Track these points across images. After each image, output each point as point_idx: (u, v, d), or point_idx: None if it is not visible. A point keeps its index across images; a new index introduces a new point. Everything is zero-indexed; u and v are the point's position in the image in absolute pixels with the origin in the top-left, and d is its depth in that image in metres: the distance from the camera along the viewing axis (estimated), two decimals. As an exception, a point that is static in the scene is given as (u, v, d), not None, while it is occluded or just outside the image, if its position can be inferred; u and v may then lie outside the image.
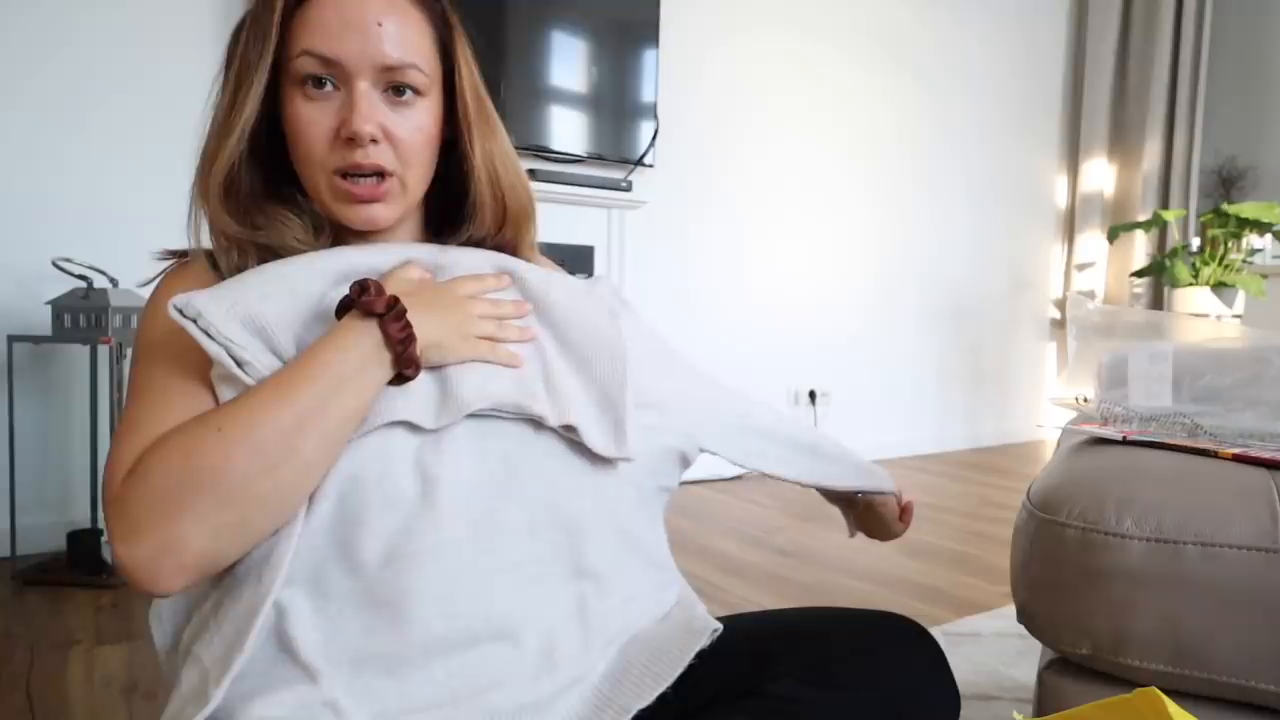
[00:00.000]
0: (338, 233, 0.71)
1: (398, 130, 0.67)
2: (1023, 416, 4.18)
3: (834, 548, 2.18)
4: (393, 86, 0.67)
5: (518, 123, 2.54)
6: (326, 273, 0.65)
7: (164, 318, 0.61)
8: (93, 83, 2.04)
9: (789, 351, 3.36)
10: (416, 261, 0.69)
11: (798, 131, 3.33)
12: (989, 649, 1.53)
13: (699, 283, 3.12)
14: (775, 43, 3.24)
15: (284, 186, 0.70)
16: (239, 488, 0.54)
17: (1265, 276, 3.61)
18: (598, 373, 0.69)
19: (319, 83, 0.65)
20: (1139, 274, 3.72)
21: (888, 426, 3.66)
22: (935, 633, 1.56)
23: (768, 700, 0.63)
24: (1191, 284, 3.36)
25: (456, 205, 0.75)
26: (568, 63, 2.66)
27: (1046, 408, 4.21)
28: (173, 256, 0.72)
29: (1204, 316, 3.25)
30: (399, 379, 0.61)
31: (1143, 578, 0.68)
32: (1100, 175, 4.20)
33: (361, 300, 0.60)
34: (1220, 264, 3.37)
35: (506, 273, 0.72)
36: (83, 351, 2.02)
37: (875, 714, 0.64)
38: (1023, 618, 0.77)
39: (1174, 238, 3.78)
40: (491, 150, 0.73)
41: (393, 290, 0.63)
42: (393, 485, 0.59)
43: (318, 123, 0.66)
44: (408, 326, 0.60)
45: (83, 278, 1.83)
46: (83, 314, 1.82)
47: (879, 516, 0.94)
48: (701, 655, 0.64)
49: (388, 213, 0.69)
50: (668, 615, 0.71)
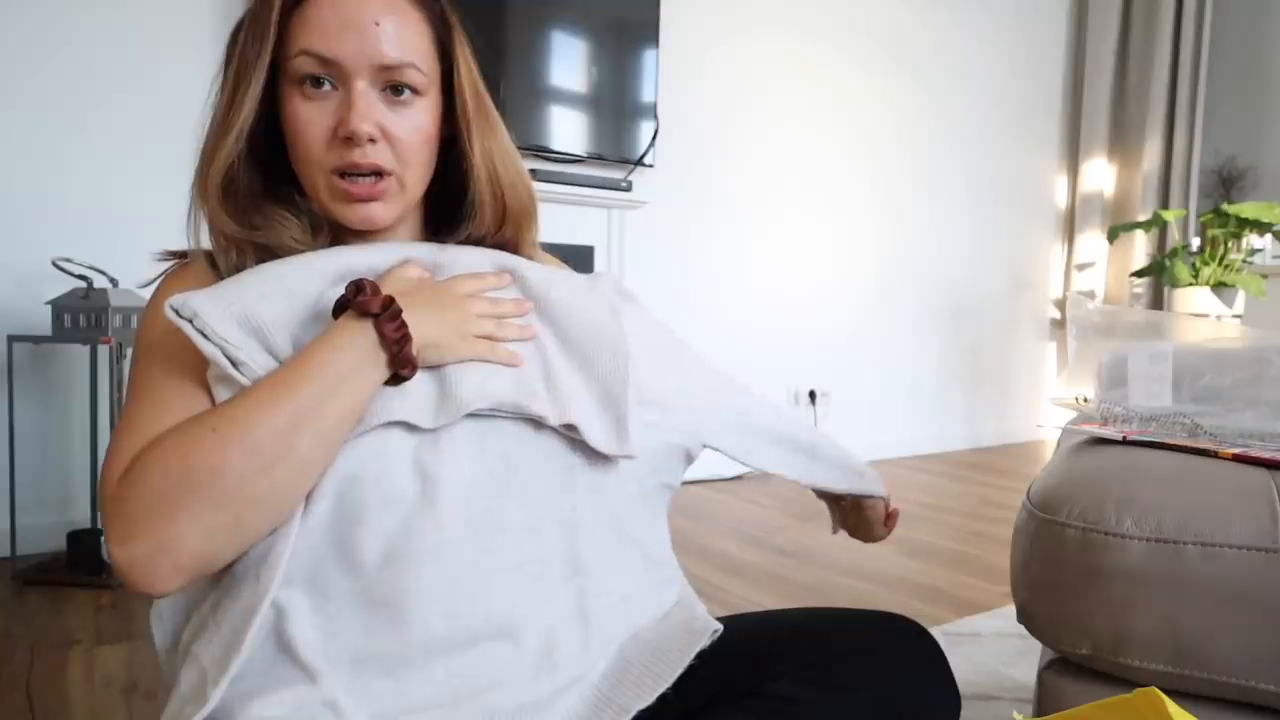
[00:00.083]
0: (336, 232, 0.71)
1: (396, 130, 0.67)
2: (1023, 416, 4.18)
3: (834, 548, 2.18)
4: (391, 86, 0.67)
5: (518, 122, 2.54)
6: (324, 272, 0.65)
7: (163, 318, 0.61)
8: (93, 83, 2.04)
9: (789, 351, 3.36)
10: (415, 261, 0.69)
11: (798, 131, 3.33)
12: (989, 649, 1.53)
13: (699, 283, 3.12)
14: (775, 43, 3.24)
15: (282, 186, 0.70)
16: (234, 488, 0.54)
17: (1265, 276, 3.61)
18: (599, 370, 0.69)
19: (317, 82, 0.65)
20: (1139, 274, 3.72)
21: (887, 426, 3.66)
22: (935, 633, 1.56)
23: (768, 700, 0.63)
24: (1191, 284, 3.36)
25: (456, 204, 0.75)
26: (568, 62, 2.66)
27: (1046, 408, 4.21)
28: (172, 257, 0.72)
29: (1204, 316, 3.25)
30: (395, 379, 0.61)
31: (1143, 578, 0.68)
32: (1100, 175, 4.20)
33: (357, 300, 0.60)
34: (1220, 264, 3.37)
35: (507, 271, 0.72)
36: (83, 351, 2.02)
37: (875, 714, 0.64)
38: (1023, 618, 0.77)
39: (1174, 238, 3.78)
40: (491, 148, 0.73)
41: (390, 290, 0.63)
42: (391, 485, 0.59)
43: (316, 122, 0.66)
44: (403, 326, 0.60)
45: (83, 278, 1.84)
46: (83, 314, 1.82)
47: (865, 518, 0.94)
48: (702, 655, 0.64)
49: (386, 212, 0.69)
50: (668, 615, 0.70)
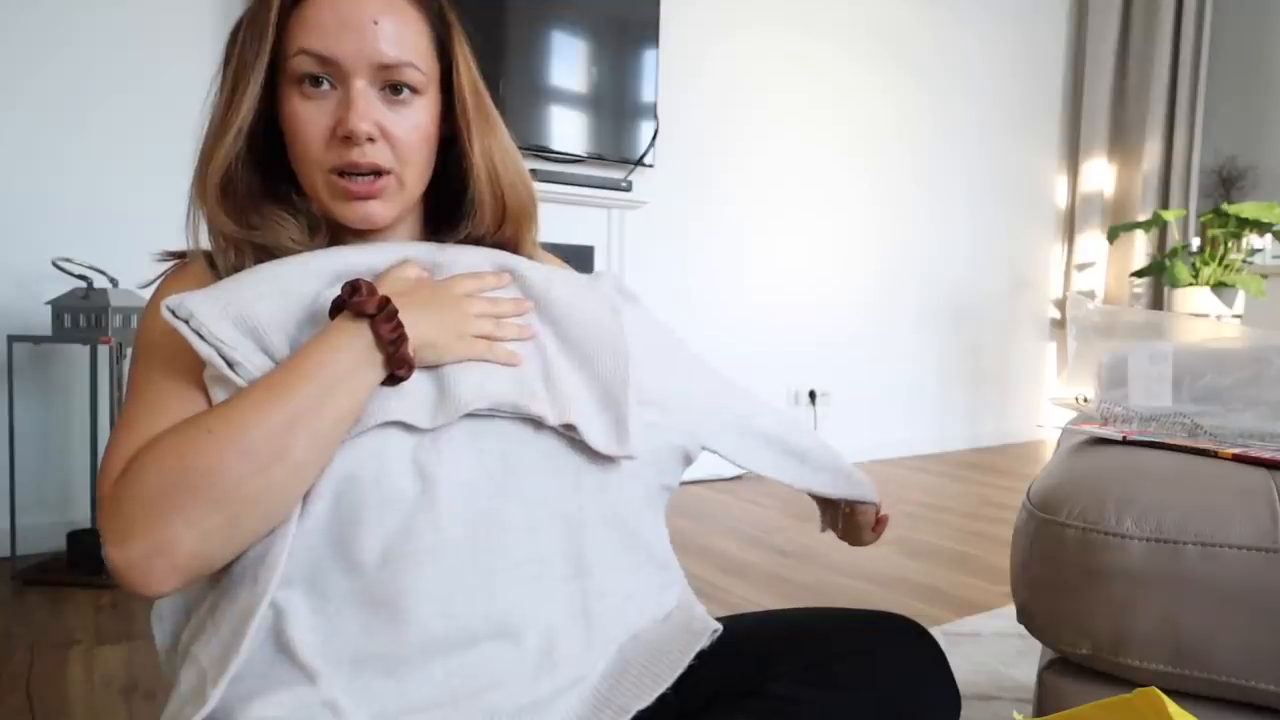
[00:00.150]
0: (335, 232, 0.71)
1: (395, 129, 0.67)
2: (1023, 416, 4.18)
3: (834, 548, 2.17)
4: (390, 85, 0.67)
5: (517, 122, 2.54)
6: (322, 272, 0.65)
7: (161, 319, 0.60)
8: (93, 83, 2.03)
9: (789, 351, 3.35)
10: (414, 260, 0.69)
11: (798, 130, 3.33)
12: (989, 649, 1.53)
13: (699, 282, 3.12)
14: (775, 42, 3.24)
15: (281, 186, 0.70)
16: (230, 489, 0.54)
17: (1265, 276, 3.61)
18: (599, 370, 0.69)
19: (316, 81, 0.65)
20: (1139, 274, 3.72)
21: (887, 426, 3.66)
22: (935, 633, 1.56)
23: (768, 700, 0.63)
24: (1191, 284, 3.36)
25: (455, 203, 0.75)
26: (568, 62, 2.66)
27: (1046, 408, 4.21)
28: (172, 257, 0.72)
29: (1204, 316, 3.24)
30: (392, 379, 0.60)
31: (1143, 578, 0.68)
32: (1100, 175, 4.20)
33: (352, 301, 0.60)
34: (1220, 264, 3.37)
35: (506, 270, 0.72)
36: (83, 351, 2.02)
37: (875, 714, 0.64)
38: (1023, 618, 0.77)
39: (1174, 238, 3.78)
40: (490, 147, 0.73)
41: (387, 289, 0.63)
42: (390, 485, 0.59)
43: (315, 121, 0.66)
44: (399, 327, 0.60)
45: (83, 278, 1.84)
46: (83, 314, 1.82)
47: (854, 522, 0.94)
48: (701, 655, 0.64)
49: (385, 210, 0.69)
50: (668, 616, 0.70)
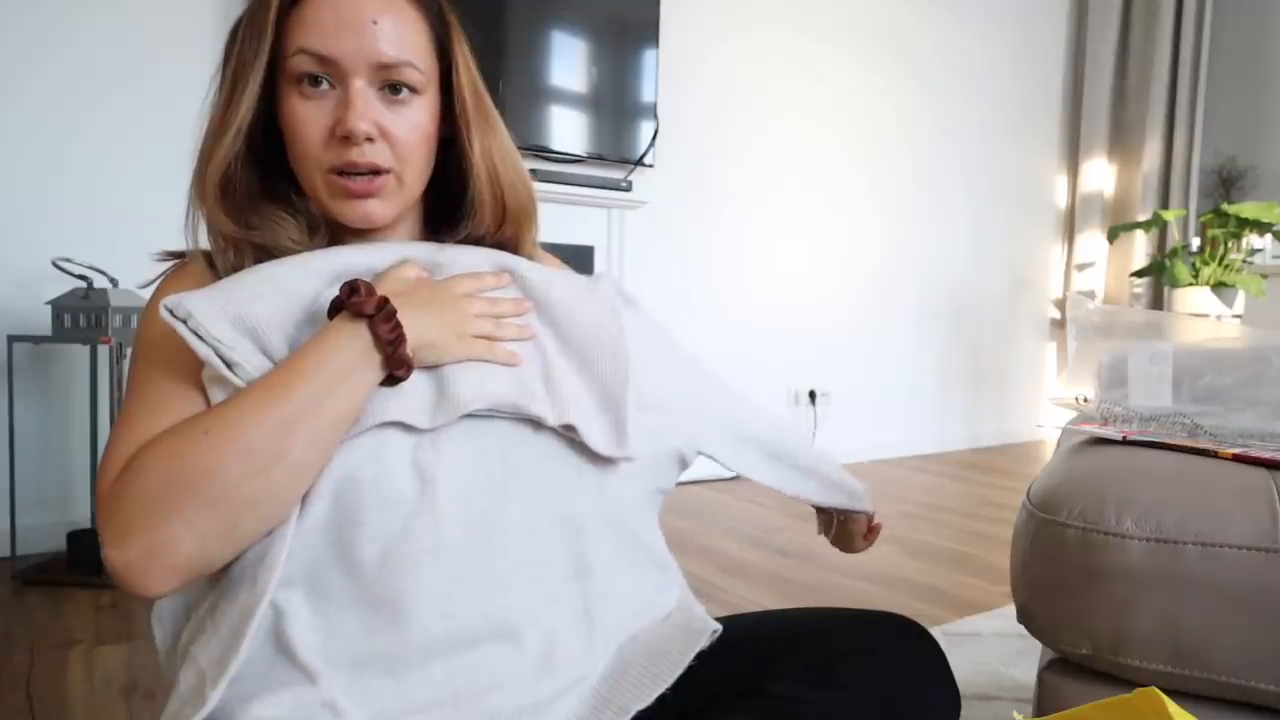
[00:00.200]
0: (334, 232, 0.71)
1: (394, 128, 0.67)
2: (1023, 416, 4.18)
3: (833, 548, 2.17)
4: (389, 84, 0.67)
5: (517, 122, 2.54)
6: (321, 272, 0.65)
7: (160, 319, 0.60)
8: (93, 83, 2.03)
9: (789, 351, 3.35)
10: (413, 260, 0.68)
11: (798, 130, 3.33)
12: (989, 649, 1.53)
13: (699, 282, 3.12)
14: (775, 42, 3.24)
15: (280, 186, 0.70)
16: (228, 490, 0.54)
17: (1265, 276, 3.61)
18: (599, 371, 0.69)
19: (315, 81, 0.65)
20: (1139, 274, 3.72)
21: (887, 426, 3.66)
22: (935, 633, 1.56)
23: (768, 700, 0.63)
24: (1191, 284, 3.36)
25: (455, 203, 0.75)
26: (568, 62, 2.66)
27: (1046, 408, 4.21)
28: (171, 257, 0.72)
29: (1204, 316, 3.24)
30: (391, 380, 0.60)
31: (1143, 578, 0.68)
32: (1100, 175, 4.20)
33: (351, 301, 0.59)
34: (1220, 264, 3.37)
35: (506, 271, 0.71)
36: (83, 351, 2.02)
37: (875, 714, 0.64)
38: (1023, 618, 0.77)
39: (1174, 238, 3.78)
40: (490, 147, 0.73)
41: (386, 290, 0.63)
42: (389, 485, 0.59)
43: (314, 121, 0.66)
44: (398, 327, 0.59)
45: (83, 278, 1.83)
46: (83, 314, 1.82)
47: (846, 530, 0.96)
48: (701, 656, 0.64)
49: (384, 209, 0.69)
50: (668, 616, 0.70)
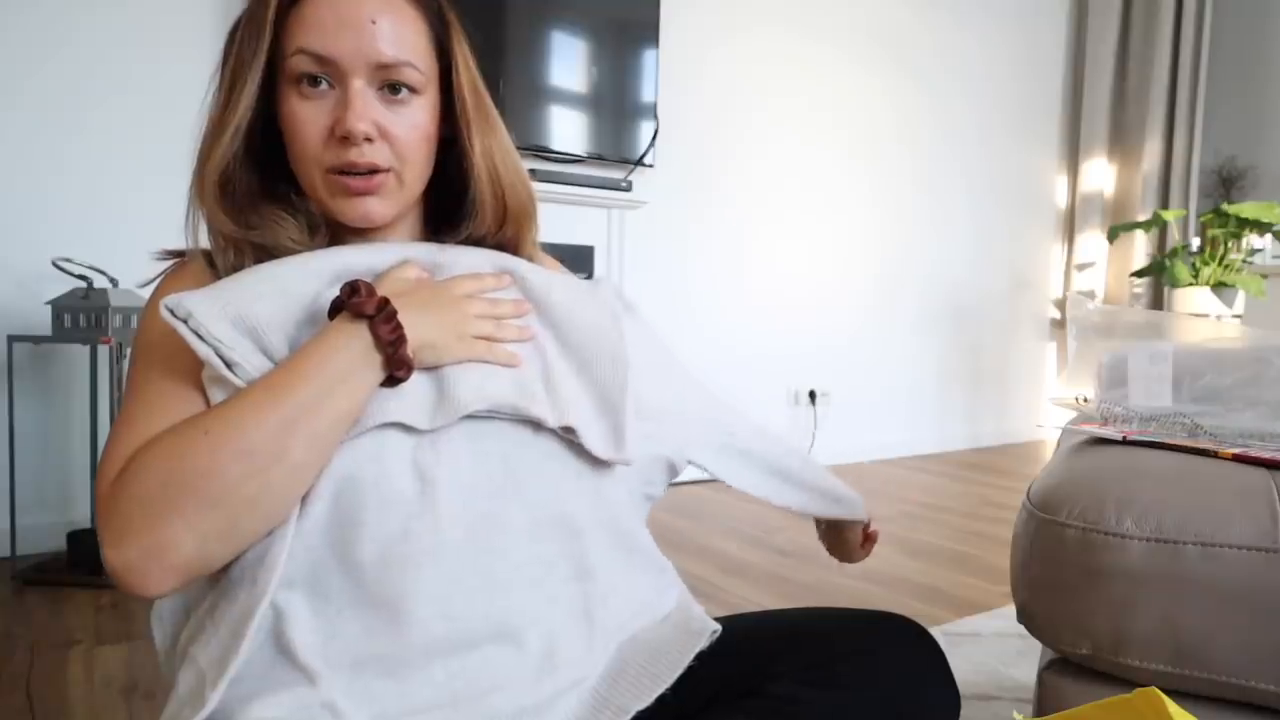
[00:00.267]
0: (335, 232, 0.71)
1: (394, 128, 0.67)
2: (1023, 416, 4.18)
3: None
4: (388, 84, 0.67)
5: (517, 122, 2.54)
6: (321, 273, 0.65)
7: (160, 319, 0.60)
8: (93, 83, 2.03)
9: (789, 352, 3.35)
10: (414, 261, 0.68)
11: (798, 131, 3.33)
12: (989, 649, 1.53)
13: (699, 283, 3.12)
14: (775, 43, 3.24)
15: (280, 186, 0.70)
16: (227, 490, 0.54)
17: (1265, 276, 3.61)
18: (598, 375, 0.69)
19: (314, 81, 0.65)
20: (1139, 274, 3.72)
21: (888, 426, 3.66)
22: (935, 633, 1.56)
23: (767, 700, 0.63)
24: (1191, 284, 3.36)
25: (456, 203, 0.75)
26: (568, 62, 2.66)
27: (1046, 408, 4.21)
28: (171, 256, 0.72)
29: (1204, 316, 3.24)
30: (391, 380, 0.60)
31: (1143, 578, 0.68)
32: (1100, 175, 4.20)
33: (351, 302, 0.59)
34: (1220, 264, 3.37)
35: (507, 272, 0.71)
36: (83, 351, 2.02)
37: (875, 714, 0.64)
38: (1023, 618, 0.77)
39: (1174, 238, 3.78)
40: (491, 147, 0.73)
41: (387, 290, 0.63)
42: (389, 486, 0.59)
43: (313, 121, 0.66)
44: (398, 328, 0.59)
45: (83, 278, 1.83)
46: (83, 314, 1.82)
47: (842, 539, 0.95)
48: (700, 656, 0.64)
49: (383, 208, 0.69)
50: (666, 617, 0.70)
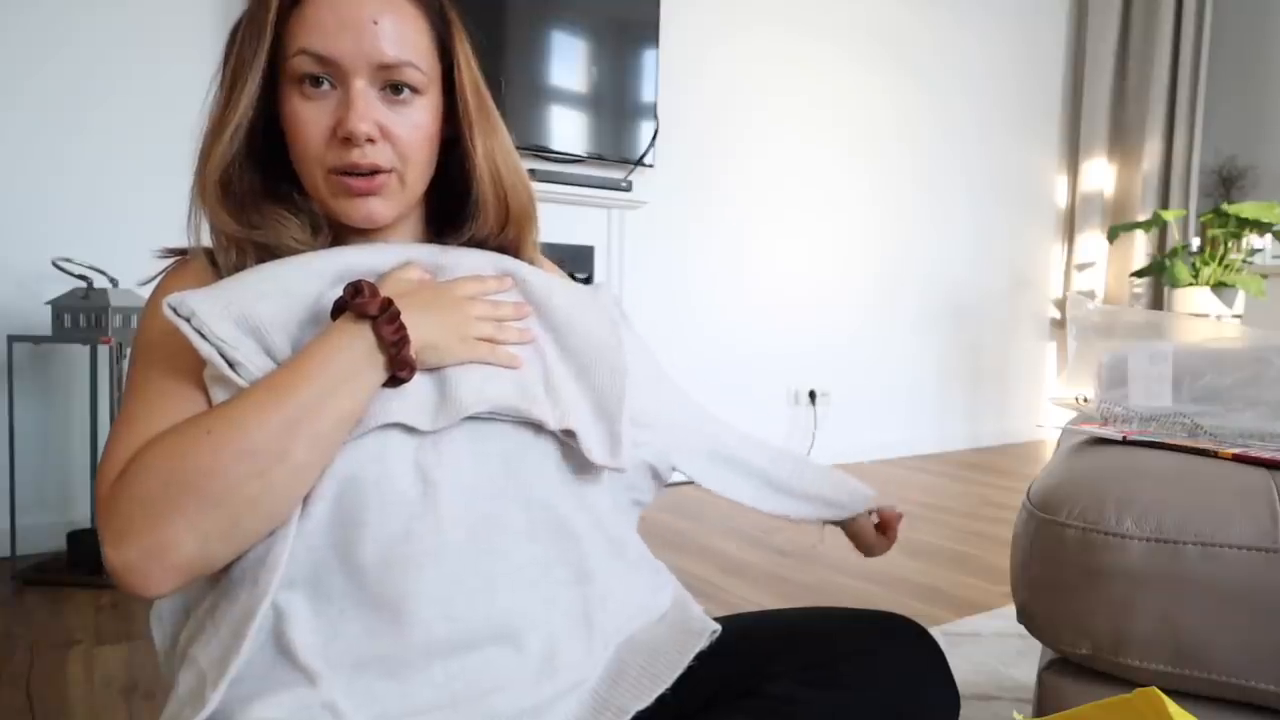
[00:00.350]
0: (337, 232, 0.71)
1: (396, 129, 0.67)
2: (1023, 416, 4.18)
3: (834, 548, 2.16)
4: (390, 85, 0.66)
5: (518, 122, 2.54)
6: (324, 273, 0.65)
7: (161, 317, 0.60)
8: (93, 83, 2.03)
9: (789, 351, 3.35)
10: (416, 262, 0.68)
11: (798, 131, 3.33)
12: (989, 649, 1.53)
13: (699, 283, 3.12)
14: (775, 42, 3.24)
15: (282, 186, 0.70)
16: (229, 490, 0.54)
17: (1265, 276, 3.61)
18: (596, 382, 0.69)
19: (316, 81, 0.65)
20: (1139, 274, 3.72)
21: (888, 426, 3.66)
22: (935, 633, 1.56)
23: (766, 700, 0.63)
24: (1191, 284, 3.36)
25: (458, 205, 0.75)
26: (568, 62, 2.66)
27: (1046, 408, 4.21)
28: (173, 254, 0.72)
29: (1204, 316, 3.24)
30: (394, 381, 0.60)
31: (1143, 578, 0.68)
32: (1100, 175, 4.19)
33: (354, 302, 0.59)
34: (1220, 264, 3.37)
35: (508, 275, 0.72)
36: (83, 351, 2.02)
37: (875, 714, 0.64)
38: (1023, 618, 0.77)
39: (1174, 238, 3.78)
40: (493, 148, 0.73)
41: (389, 291, 0.63)
42: (390, 487, 0.59)
43: (315, 122, 0.65)
44: (401, 328, 0.59)
45: (83, 278, 1.83)
46: (83, 314, 1.82)
47: (853, 533, 0.94)
48: (700, 656, 0.64)
49: (385, 209, 0.69)
50: (664, 616, 0.71)
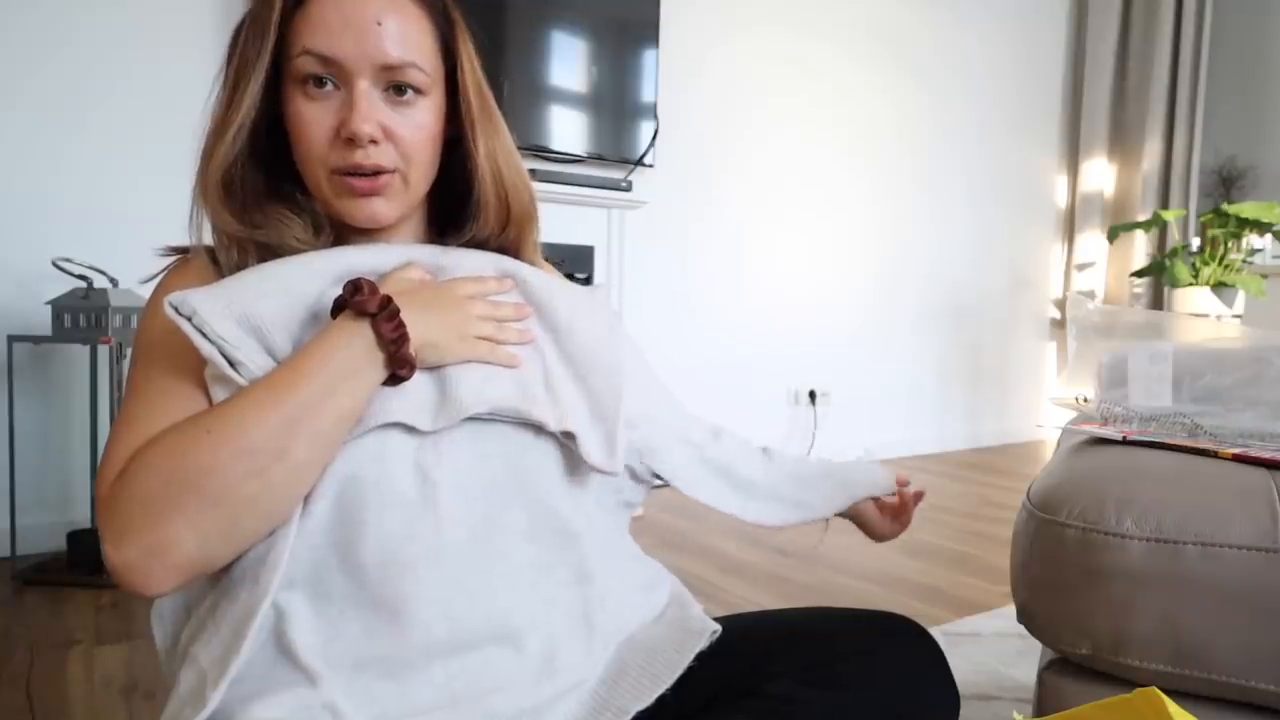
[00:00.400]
0: (339, 232, 0.71)
1: (399, 129, 0.67)
2: (1023, 416, 4.18)
3: (834, 548, 2.17)
4: (393, 85, 0.66)
5: (518, 122, 2.54)
6: (325, 273, 0.65)
7: (162, 316, 0.60)
8: (93, 83, 2.03)
9: (789, 351, 3.35)
10: (417, 262, 0.69)
11: (798, 131, 3.33)
12: (989, 649, 1.53)
13: (699, 283, 3.12)
14: (775, 42, 3.24)
15: (285, 185, 0.70)
16: (228, 489, 0.54)
17: (1265, 276, 3.61)
18: (594, 384, 0.69)
19: (319, 82, 0.65)
20: (1139, 274, 3.72)
21: (888, 426, 3.66)
22: (935, 633, 1.56)
23: (766, 700, 0.63)
24: (1191, 284, 3.36)
25: (460, 205, 0.75)
26: (568, 62, 2.66)
27: (1046, 408, 4.21)
28: (174, 253, 0.72)
29: (1204, 316, 3.25)
30: (394, 379, 0.60)
31: (1143, 578, 0.68)
32: (1100, 175, 4.20)
33: (354, 300, 0.60)
34: (1220, 264, 3.37)
35: (509, 275, 0.72)
36: (83, 351, 2.02)
37: (875, 714, 0.64)
38: (1023, 618, 0.77)
39: (1174, 238, 3.78)
40: (495, 149, 0.73)
41: (389, 290, 0.63)
42: (390, 487, 0.59)
43: (318, 122, 0.65)
44: (401, 327, 0.60)
45: (83, 278, 1.83)
46: (83, 314, 1.82)
47: (861, 521, 0.93)
48: (700, 656, 0.64)
49: (388, 209, 0.69)
50: (661, 615, 0.71)
